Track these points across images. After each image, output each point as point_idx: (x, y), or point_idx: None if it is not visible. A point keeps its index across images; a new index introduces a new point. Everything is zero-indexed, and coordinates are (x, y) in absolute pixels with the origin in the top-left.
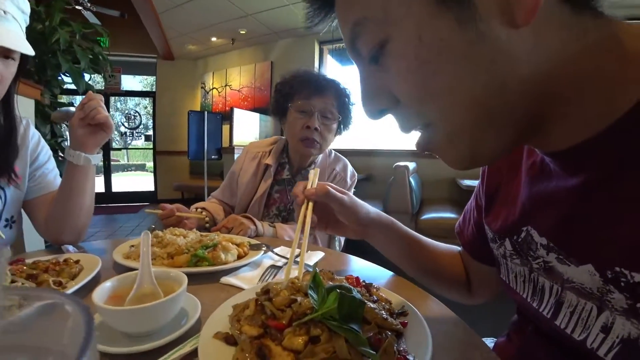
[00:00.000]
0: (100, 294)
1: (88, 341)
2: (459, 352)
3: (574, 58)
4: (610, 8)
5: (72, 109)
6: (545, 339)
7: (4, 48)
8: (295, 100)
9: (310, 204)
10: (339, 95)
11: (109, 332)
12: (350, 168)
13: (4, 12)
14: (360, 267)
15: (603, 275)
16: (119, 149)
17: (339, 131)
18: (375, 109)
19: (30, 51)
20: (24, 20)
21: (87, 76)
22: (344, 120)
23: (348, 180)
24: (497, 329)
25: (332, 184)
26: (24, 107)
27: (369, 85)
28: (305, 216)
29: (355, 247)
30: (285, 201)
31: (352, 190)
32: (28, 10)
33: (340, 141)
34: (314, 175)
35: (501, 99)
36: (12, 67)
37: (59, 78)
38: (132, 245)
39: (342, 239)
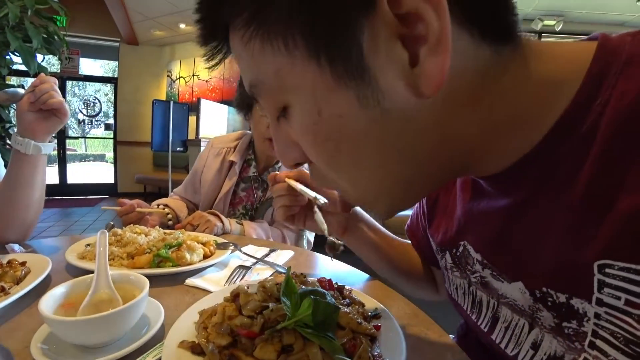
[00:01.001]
0: (48, 302)
1: None
2: (431, 354)
3: (492, 103)
4: (583, 24)
5: (21, 90)
6: (484, 349)
7: None
8: (247, 101)
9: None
10: None
11: (59, 345)
12: None
13: None
14: (330, 266)
15: (532, 294)
16: (76, 138)
17: None
18: (290, 163)
19: None
20: None
21: (40, 57)
22: None
23: None
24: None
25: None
26: None
27: (281, 139)
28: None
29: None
30: (252, 200)
31: None
32: None
33: None
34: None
35: (415, 167)
36: None
37: (7, 57)
38: (88, 244)
39: (312, 237)
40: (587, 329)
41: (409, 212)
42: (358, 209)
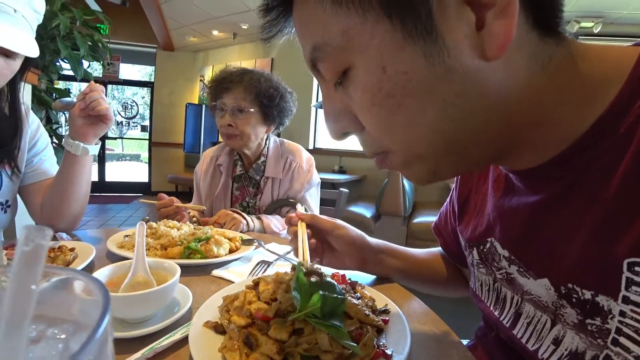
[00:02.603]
0: None
1: (106, 310)
2: (436, 350)
3: (539, 87)
4: (624, 25)
5: (74, 99)
6: (504, 346)
7: (3, 48)
8: (211, 102)
9: (303, 224)
10: (249, 86)
11: None
12: (304, 153)
13: (14, 10)
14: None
15: (557, 290)
16: (114, 138)
17: (271, 119)
18: (339, 132)
19: (33, 53)
20: (36, 19)
21: (85, 63)
22: (265, 107)
23: (304, 165)
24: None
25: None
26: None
27: (333, 107)
28: (301, 234)
29: None
30: (245, 196)
31: (313, 172)
32: (43, 9)
33: (335, 141)
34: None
35: (467, 129)
36: (13, 65)
37: (57, 64)
38: (127, 235)
39: None
40: (611, 326)
41: (433, 218)
42: (373, 240)
